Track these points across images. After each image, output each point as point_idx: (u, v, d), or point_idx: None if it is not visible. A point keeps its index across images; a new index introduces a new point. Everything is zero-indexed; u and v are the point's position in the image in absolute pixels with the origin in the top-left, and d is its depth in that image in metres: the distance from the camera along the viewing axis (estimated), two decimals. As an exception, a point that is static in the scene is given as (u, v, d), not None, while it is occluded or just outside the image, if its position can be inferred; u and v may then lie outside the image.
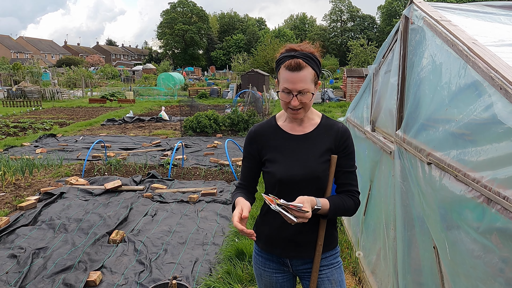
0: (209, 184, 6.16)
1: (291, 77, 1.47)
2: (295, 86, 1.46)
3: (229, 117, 11.10)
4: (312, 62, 1.48)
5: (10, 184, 6.10)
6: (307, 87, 1.47)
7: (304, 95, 1.48)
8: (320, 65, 1.54)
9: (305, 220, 1.36)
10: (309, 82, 1.47)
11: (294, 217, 1.34)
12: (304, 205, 1.37)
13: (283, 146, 1.59)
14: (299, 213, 1.35)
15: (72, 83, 33.64)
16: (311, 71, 1.48)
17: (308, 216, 1.35)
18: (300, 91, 1.47)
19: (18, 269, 3.49)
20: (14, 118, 14.51)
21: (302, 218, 1.35)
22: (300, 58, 1.46)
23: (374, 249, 2.93)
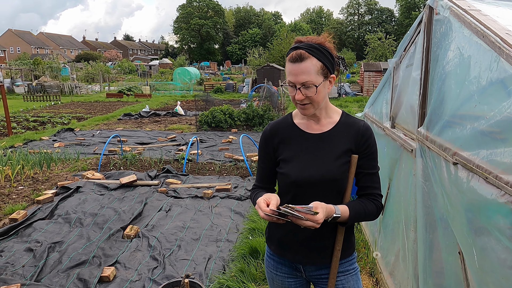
0: (224, 180, 6.12)
1: (293, 69, 1.37)
2: (297, 78, 1.36)
3: (244, 112, 11.04)
4: (318, 53, 1.36)
5: (29, 178, 6.20)
6: (310, 79, 1.35)
7: (308, 88, 1.36)
8: (333, 57, 1.42)
9: (316, 225, 1.26)
10: (313, 74, 1.35)
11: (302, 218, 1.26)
12: (318, 209, 1.28)
13: (299, 146, 1.49)
14: (308, 215, 1.25)
15: (90, 78, 34.13)
16: (315, 63, 1.36)
17: (318, 220, 1.25)
18: (303, 83, 1.36)
19: (34, 263, 3.52)
20: (34, 113, 14.79)
21: (311, 221, 1.25)
22: (302, 49, 1.36)
23: (392, 250, 2.83)
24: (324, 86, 1.40)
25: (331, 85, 1.45)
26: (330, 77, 1.43)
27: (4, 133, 10.43)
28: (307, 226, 1.26)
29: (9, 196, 5.33)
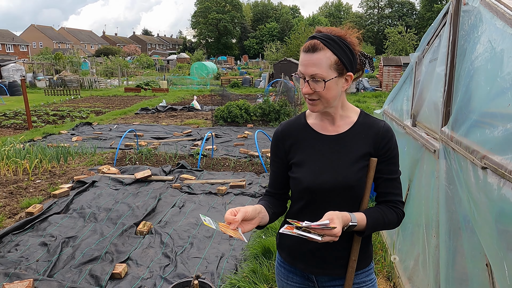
0: (238, 176, 6.06)
1: (304, 59, 1.26)
2: (306, 70, 1.25)
3: (260, 107, 10.93)
4: (334, 46, 1.24)
5: (46, 171, 6.28)
6: (319, 72, 1.23)
7: (317, 82, 1.24)
8: (353, 53, 1.28)
9: (335, 239, 1.16)
10: (324, 67, 1.23)
11: (319, 235, 1.15)
12: (334, 221, 1.17)
13: (312, 149, 1.37)
14: (325, 231, 1.15)
15: (109, 73, 34.59)
16: (330, 56, 1.24)
17: (337, 233, 1.15)
18: (312, 76, 1.24)
19: (48, 257, 3.53)
20: (54, 107, 15.06)
21: (330, 236, 1.15)
22: (318, 39, 1.25)
23: (411, 254, 2.70)
24: (336, 84, 1.27)
25: (347, 84, 1.31)
26: (346, 75, 1.29)
27: (25, 127, 10.64)
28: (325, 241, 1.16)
29: (26, 189, 5.40)
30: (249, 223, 1.26)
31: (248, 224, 1.25)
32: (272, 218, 1.40)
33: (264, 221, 1.34)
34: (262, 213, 1.34)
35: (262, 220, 1.33)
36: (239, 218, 1.19)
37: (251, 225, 1.26)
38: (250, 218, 1.25)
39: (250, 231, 1.28)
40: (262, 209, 1.35)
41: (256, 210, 1.28)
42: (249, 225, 1.26)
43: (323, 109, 1.33)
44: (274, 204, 1.45)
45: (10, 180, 5.78)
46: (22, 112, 12.69)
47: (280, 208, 1.48)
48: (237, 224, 1.19)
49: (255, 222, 1.27)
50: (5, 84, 20.74)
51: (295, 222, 1.20)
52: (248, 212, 1.23)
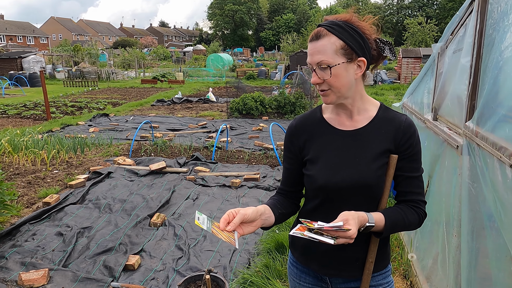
0: (253, 169, 6.01)
1: (309, 49, 1.20)
2: (312, 58, 1.19)
3: (276, 99, 10.84)
4: (339, 30, 1.17)
5: (64, 162, 6.37)
6: (325, 58, 1.17)
7: (324, 70, 1.18)
8: (363, 37, 1.20)
9: (350, 241, 1.09)
10: (329, 53, 1.16)
11: (332, 238, 1.08)
12: (349, 222, 1.10)
13: (328, 145, 1.29)
14: (339, 233, 1.08)
15: (127, 64, 34.91)
16: (334, 41, 1.17)
17: (352, 235, 1.08)
18: (318, 63, 1.18)
19: (63, 247, 3.58)
20: (73, 98, 15.29)
21: (344, 238, 1.09)
22: (323, 26, 1.19)
23: (430, 253, 2.61)
24: (346, 70, 1.18)
25: (360, 71, 1.21)
26: (357, 61, 1.20)
27: (44, 118, 10.83)
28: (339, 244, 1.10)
29: (44, 179, 5.49)
30: (249, 225, 1.20)
31: (248, 227, 1.19)
32: (279, 219, 1.33)
33: (268, 222, 1.27)
34: (266, 215, 1.26)
35: (265, 222, 1.26)
36: (236, 221, 1.13)
37: (252, 228, 1.20)
38: (250, 220, 1.18)
39: (251, 233, 1.23)
40: (266, 210, 1.28)
41: (257, 211, 1.21)
42: (249, 227, 1.19)
43: (337, 100, 1.24)
44: (284, 204, 1.38)
45: (28, 170, 5.89)
46: (42, 103, 12.92)
47: (291, 208, 1.41)
48: (235, 227, 1.13)
49: (256, 224, 1.21)
50: (25, 76, 21.16)
51: (307, 223, 1.14)
52: (248, 215, 1.17)
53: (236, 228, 1.14)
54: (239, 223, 1.14)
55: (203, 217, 1.15)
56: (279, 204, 1.36)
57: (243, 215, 1.15)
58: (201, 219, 1.13)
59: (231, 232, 1.12)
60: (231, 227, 1.11)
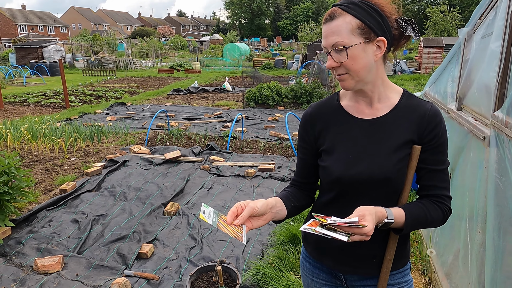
0: (268, 159, 5.95)
1: (323, 31, 1.11)
2: (326, 41, 1.10)
3: (292, 89, 10.69)
4: (355, 9, 1.08)
5: (81, 150, 6.44)
6: (340, 39, 1.07)
7: (340, 52, 1.08)
8: (382, 15, 1.10)
9: (365, 238, 1.01)
10: (344, 33, 1.07)
11: (345, 234, 1.00)
12: (365, 218, 1.01)
13: (345, 134, 1.20)
14: (354, 229, 0.99)
15: (144, 54, 35.14)
16: (350, 20, 1.07)
17: (368, 232, 0.99)
18: (333, 45, 1.09)
19: (78, 234, 3.61)
20: (91, 87, 15.48)
21: (359, 235, 1.00)
22: (337, 5, 1.10)
23: (450, 248, 2.50)
24: (364, 51, 1.08)
25: (380, 52, 1.11)
26: (377, 41, 1.10)
27: (63, 106, 10.99)
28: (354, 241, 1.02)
29: (61, 167, 5.56)
30: (259, 219, 1.12)
31: (258, 220, 1.11)
32: (291, 212, 1.25)
33: (279, 216, 1.20)
34: (277, 208, 1.18)
35: (276, 215, 1.18)
36: (245, 214, 1.06)
37: (262, 221, 1.12)
38: (260, 213, 1.11)
39: (260, 227, 1.15)
40: (278, 203, 1.20)
41: (268, 204, 1.13)
42: (259, 221, 1.12)
43: (356, 85, 1.14)
44: (297, 197, 1.30)
45: (47, 157, 5.97)
46: (61, 92, 13.12)
47: (305, 200, 1.33)
48: (243, 221, 1.05)
49: (266, 218, 1.13)
50: (46, 65, 21.55)
51: (320, 218, 1.06)
52: (257, 208, 1.09)
53: (244, 222, 1.07)
54: (247, 217, 1.06)
55: (209, 210, 1.08)
56: (292, 196, 1.28)
57: (252, 209, 1.07)
58: (207, 212, 1.07)
59: (239, 226, 1.06)
60: (239, 221, 1.04)
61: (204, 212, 1.06)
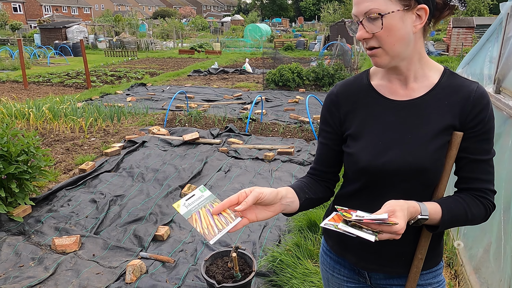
0: (287, 142, 5.82)
1: None
2: (358, 8, 0.96)
3: (314, 70, 10.42)
4: None
5: (101, 130, 6.47)
6: (374, 6, 0.92)
7: (373, 21, 0.93)
8: None
9: (395, 237, 0.88)
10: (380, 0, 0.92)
11: (373, 233, 0.87)
12: (395, 214, 0.88)
13: (375, 118, 1.06)
14: (383, 227, 0.87)
15: (165, 35, 35.07)
16: None
17: (398, 231, 0.87)
18: (366, 13, 0.94)
19: (96, 214, 3.61)
20: (112, 67, 15.57)
21: (388, 233, 0.88)
22: None
23: (480, 242, 2.34)
24: (402, 21, 0.93)
25: (421, 23, 0.95)
26: (417, 9, 0.94)
27: (85, 86, 11.09)
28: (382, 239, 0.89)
29: (81, 146, 5.60)
30: (266, 209, 0.96)
31: (264, 211, 0.95)
32: (304, 205, 1.09)
33: (290, 208, 1.04)
34: (288, 199, 1.02)
35: (287, 208, 1.02)
36: (250, 200, 0.88)
37: (268, 213, 0.96)
38: (267, 202, 0.94)
39: (266, 219, 1.00)
40: (289, 194, 1.04)
41: (277, 194, 0.97)
42: (265, 212, 0.95)
43: (390, 61, 0.99)
44: (313, 188, 1.14)
45: (67, 137, 6.03)
46: (83, 72, 13.24)
47: (322, 193, 1.17)
48: (246, 206, 0.87)
49: (274, 209, 0.97)
50: (69, 45, 21.80)
51: (344, 212, 0.93)
52: (264, 194, 0.92)
53: (247, 208, 0.89)
54: (252, 203, 0.89)
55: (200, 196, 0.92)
56: (307, 187, 1.13)
57: (258, 194, 0.91)
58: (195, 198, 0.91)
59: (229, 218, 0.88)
60: (242, 206, 0.87)
61: (190, 198, 0.91)
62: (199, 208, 0.90)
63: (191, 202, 0.91)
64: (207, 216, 0.88)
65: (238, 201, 0.89)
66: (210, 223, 0.87)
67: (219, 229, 0.86)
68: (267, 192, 0.93)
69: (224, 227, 0.86)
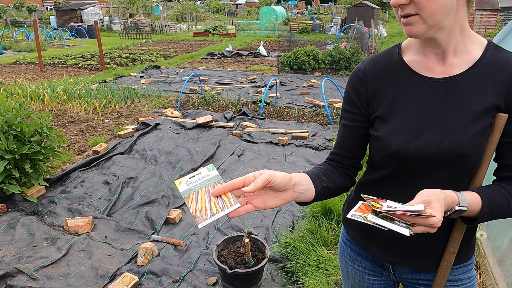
0: (301, 126, 5.70)
1: None
2: None
3: (330, 54, 10.17)
4: None
5: (115, 112, 6.46)
6: None
7: None
8: None
9: (431, 230, 0.79)
10: None
11: (406, 226, 0.78)
12: (432, 205, 0.79)
13: (407, 97, 0.95)
14: (417, 219, 0.78)
15: (180, 17, 34.82)
16: None
17: (435, 224, 0.78)
18: None
19: (109, 196, 3.60)
20: (127, 50, 15.54)
21: (423, 226, 0.78)
22: None
23: (505, 233, 2.23)
24: None
25: None
26: None
27: (99, 68, 11.10)
28: (416, 233, 0.79)
29: (95, 128, 5.60)
30: (276, 195, 0.85)
31: (274, 197, 0.84)
32: (321, 194, 0.98)
33: (304, 197, 0.92)
34: (303, 186, 0.91)
35: (301, 196, 0.91)
36: (259, 182, 0.77)
37: (279, 200, 0.85)
38: (279, 188, 0.83)
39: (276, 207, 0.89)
40: (304, 180, 0.93)
41: (291, 179, 0.86)
42: (275, 199, 0.85)
43: (427, 31, 0.87)
44: (331, 176, 1.03)
45: (82, 118, 6.04)
46: (98, 54, 13.25)
47: (341, 182, 1.06)
48: (255, 188, 0.76)
49: (286, 197, 0.86)
50: (84, 27, 21.83)
51: (373, 202, 0.84)
52: (276, 178, 0.81)
53: (255, 194, 0.81)
54: (261, 186, 0.78)
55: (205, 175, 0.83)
56: (324, 175, 1.02)
57: (269, 176, 0.80)
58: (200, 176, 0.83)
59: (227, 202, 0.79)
60: (250, 188, 0.77)
61: (194, 176, 0.83)
62: (200, 187, 0.82)
63: (194, 180, 0.83)
64: (204, 197, 0.80)
65: (243, 184, 0.80)
66: (205, 205, 0.79)
67: (213, 213, 0.78)
68: (279, 176, 0.82)
69: (218, 211, 0.78)
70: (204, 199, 0.79)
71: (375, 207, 0.81)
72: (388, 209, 0.78)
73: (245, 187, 0.78)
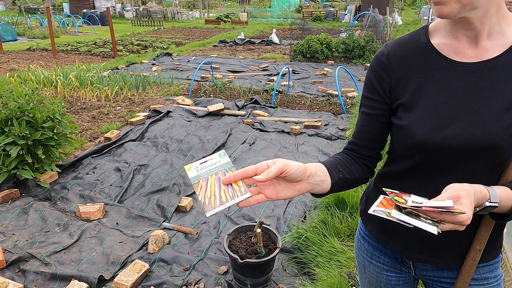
0: (314, 116, 5.62)
1: None
2: None
3: (344, 42, 9.98)
4: None
5: (126, 99, 6.45)
6: None
7: None
8: None
9: (460, 228, 0.74)
10: None
11: (433, 223, 0.72)
12: (461, 201, 0.73)
13: (435, 84, 0.87)
14: (445, 216, 0.72)
15: (192, 4, 34.57)
16: None
17: (465, 221, 0.72)
18: None
19: (120, 183, 3.61)
20: (139, 37, 15.51)
21: (451, 224, 0.73)
22: None
23: (526, 228, 2.15)
24: None
25: None
26: None
27: (111, 55, 11.10)
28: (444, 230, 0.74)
29: (107, 115, 5.61)
30: (289, 186, 0.80)
31: (287, 188, 0.79)
32: (337, 186, 0.92)
33: (319, 188, 0.87)
34: (318, 177, 0.86)
35: (316, 187, 0.86)
36: (272, 171, 0.73)
37: (292, 192, 0.80)
38: (293, 178, 0.78)
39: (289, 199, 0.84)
40: (320, 171, 0.87)
41: (306, 170, 0.80)
42: (288, 190, 0.80)
43: (460, 10, 0.79)
44: (349, 167, 0.97)
45: (94, 105, 6.05)
46: (110, 41, 13.25)
47: (359, 173, 0.99)
48: (268, 177, 0.72)
49: (300, 188, 0.81)
50: (97, 14, 21.83)
51: (396, 196, 0.78)
52: (290, 168, 0.75)
53: (267, 183, 0.77)
54: (274, 175, 0.74)
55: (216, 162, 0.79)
56: (341, 165, 0.96)
57: (283, 166, 0.75)
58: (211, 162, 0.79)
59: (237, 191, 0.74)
60: (263, 176, 0.73)
61: (205, 162, 0.79)
62: (210, 174, 0.78)
63: (204, 166, 0.79)
64: (214, 184, 0.76)
65: (256, 173, 0.75)
66: (214, 193, 0.75)
67: (222, 202, 0.74)
68: (294, 166, 0.77)
69: (228, 200, 0.74)
70: (214, 187, 0.76)
71: (399, 202, 0.75)
72: (414, 204, 0.73)
73: (257, 176, 0.74)
